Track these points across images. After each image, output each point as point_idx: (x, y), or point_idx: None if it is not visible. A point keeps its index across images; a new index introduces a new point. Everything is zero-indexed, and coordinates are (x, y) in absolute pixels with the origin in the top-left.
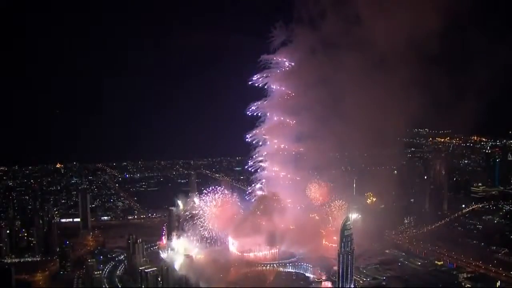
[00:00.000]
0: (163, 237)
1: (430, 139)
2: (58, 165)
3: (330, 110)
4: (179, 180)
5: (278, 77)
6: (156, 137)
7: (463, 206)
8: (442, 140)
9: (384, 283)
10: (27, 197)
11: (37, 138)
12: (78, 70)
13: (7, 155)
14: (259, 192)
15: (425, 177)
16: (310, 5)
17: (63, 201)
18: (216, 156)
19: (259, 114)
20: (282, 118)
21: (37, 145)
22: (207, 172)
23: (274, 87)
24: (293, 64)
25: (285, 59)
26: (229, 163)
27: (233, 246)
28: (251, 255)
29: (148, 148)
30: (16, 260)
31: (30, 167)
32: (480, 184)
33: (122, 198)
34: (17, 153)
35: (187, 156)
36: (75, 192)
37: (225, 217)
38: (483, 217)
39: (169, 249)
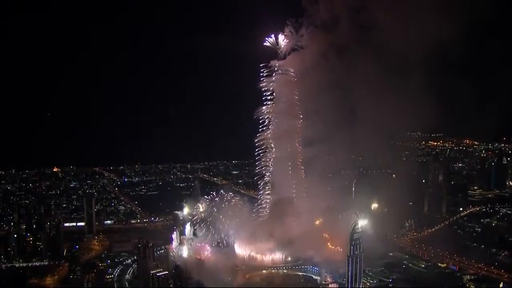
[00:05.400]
0: (173, 241)
1: (423, 142)
2: (55, 169)
3: (331, 113)
4: (178, 184)
5: (285, 82)
6: (154, 140)
7: (461, 209)
8: (435, 143)
9: (390, 285)
10: (28, 201)
11: (32, 141)
12: (74, 72)
13: (3, 159)
14: (267, 197)
15: (423, 181)
16: (319, 10)
17: (64, 205)
18: (213, 160)
19: (265, 118)
20: (288, 123)
21: (32, 148)
22: (205, 176)
23: (280, 92)
24: (297, 70)
25: (291, 65)
26: (226, 166)
27: (242, 249)
28: (259, 258)
29: (145, 151)
30: (24, 264)
31: (27, 171)
32: (476, 187)
33: (123, 202)
34: (13, 157)
35: (185, 159)
36: (75, 196)
37: (235, 221)
38: (481, 220)
39: (179, 253)
